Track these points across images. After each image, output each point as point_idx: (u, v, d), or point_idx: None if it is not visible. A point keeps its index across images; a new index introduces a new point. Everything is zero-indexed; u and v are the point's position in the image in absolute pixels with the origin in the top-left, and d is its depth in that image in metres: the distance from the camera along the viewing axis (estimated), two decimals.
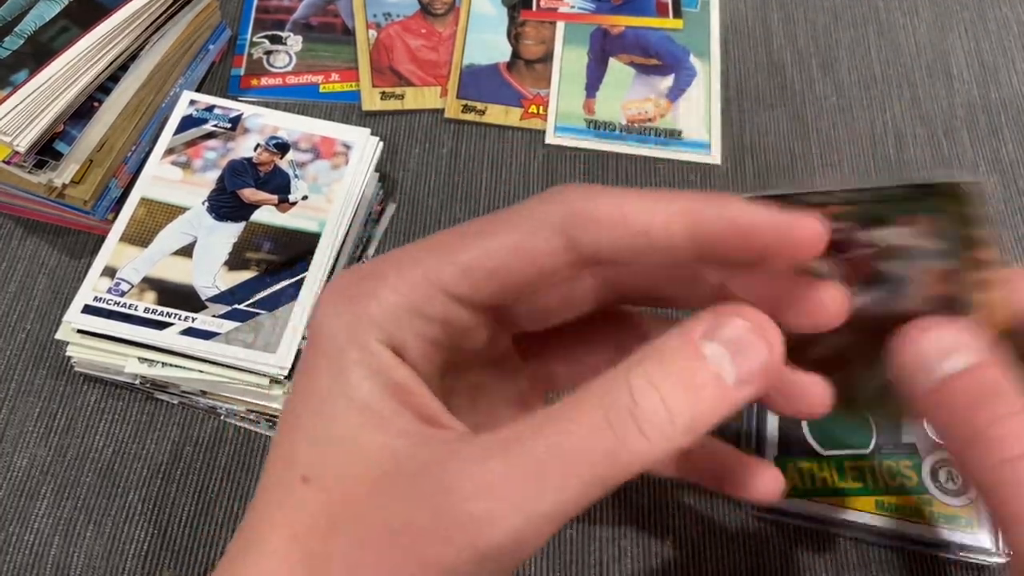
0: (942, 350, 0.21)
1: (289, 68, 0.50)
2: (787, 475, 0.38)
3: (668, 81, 0.49)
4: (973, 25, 0.52)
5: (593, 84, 0.49)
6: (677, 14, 0.51)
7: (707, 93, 0.49)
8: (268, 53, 0.50)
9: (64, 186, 0.42)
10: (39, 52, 0.43)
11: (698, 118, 0.48)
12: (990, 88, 0.50)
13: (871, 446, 0.38)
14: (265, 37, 0.51)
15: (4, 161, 0.41)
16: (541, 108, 0.48)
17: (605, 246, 0.20)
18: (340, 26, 0.52)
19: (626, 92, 0.49)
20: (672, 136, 0.48)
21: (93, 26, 0.43)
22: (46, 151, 0.42)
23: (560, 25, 0.51)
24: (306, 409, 0.22)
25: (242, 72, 0.50)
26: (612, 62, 0.50)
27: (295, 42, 0.51)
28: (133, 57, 0.45)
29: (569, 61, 0.50)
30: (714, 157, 0.47)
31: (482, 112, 0.48)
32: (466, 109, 0.48)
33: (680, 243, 0.20)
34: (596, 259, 0.21)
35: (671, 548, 0.37)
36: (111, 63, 0.44)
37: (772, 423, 0.39)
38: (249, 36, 0.51)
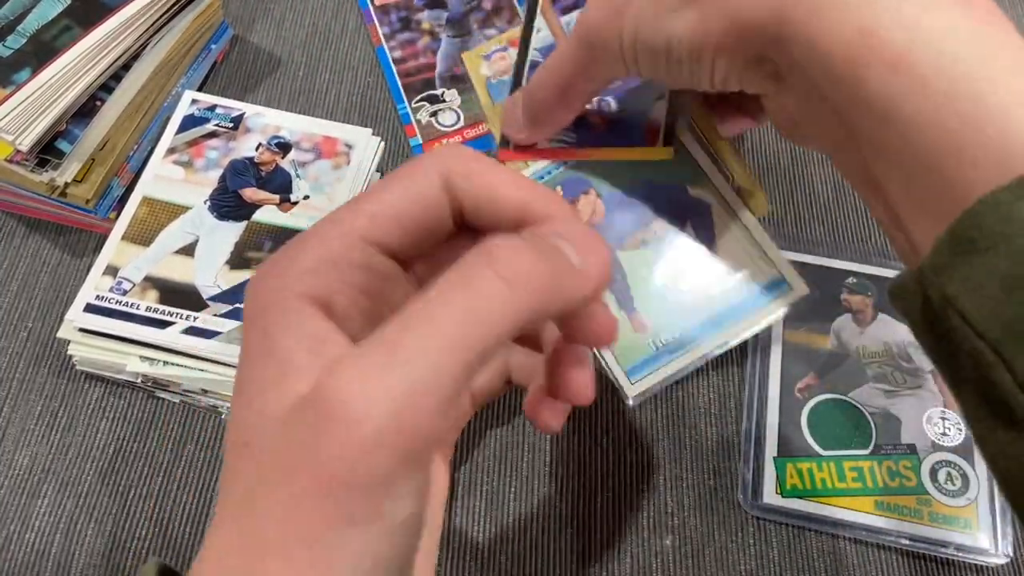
0: None
1: (460, 123, 0.48)
2: (787, 475, 0.38)
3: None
4: None
5: (625, 297, 0.34)
6: (668, 140, 0.36)
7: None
8: (433, 115, 0.48)
9: (66, 185, 0.42)
10: (41, 51, 0.43)
11: None
12: None
13: (870, 446, 0.38)
14: (423, 100, 0.49)
15: (6, 160, 0.41)
16: None
17: (469, 195, 0.24)
18: None
19: (665, 290, 0.34)
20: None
21: (95, 25, 0.44)
22: (48, 150, 0.42)
23: None
24: (240, 375, 0.23)
25: (420, 140, 0.48)
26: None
27: (452, 96, 0.49)
28: (135, 56, 0.46)
29: None
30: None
31: None
32: None
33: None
34: (461, 201, 0.25)
35: (671, 548, 0.37)
36: (113, 62, 0.44)
37: (772, 423, 0.39)
38: (408, 104, 0.49)
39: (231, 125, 0.43)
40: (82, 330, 0.38)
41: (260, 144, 0.43)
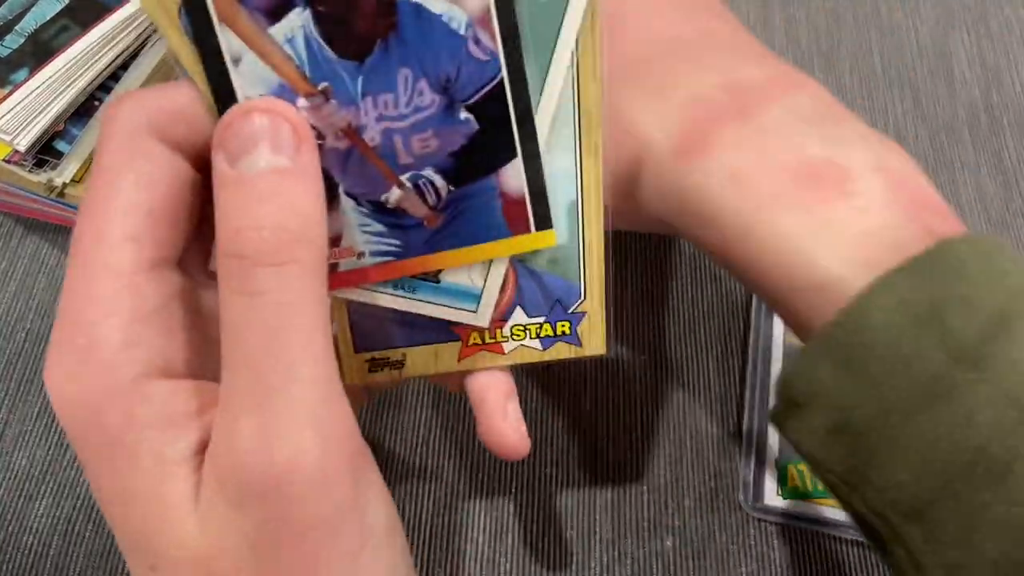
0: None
1: None
2: (787, 476, 0.38)
3: None
4: (976, 26, 0.52)
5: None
6: (544, 224, 0.24)
7: None
8: None
9: (64, 185, 0.42)
10: (39, 51, 0.42)
11: None
12: (992, 90, 0.50)
13: None
14: None
15: (4, 160, 0.41)
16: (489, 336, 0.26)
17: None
18: None
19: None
20: None
21: (94, 25, 0.43)
22: (46, 150, 0.42)
23: None
24: (109, 492, 0.21)
25: None
26: None
27: None
28: (134, 56, 0.45)
29: None
30: None
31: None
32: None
33: None
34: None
35: (671, 549, 0.37)
36: (112, 62, 0.44)
37: None
38: None
39: None
40: None
41: None
